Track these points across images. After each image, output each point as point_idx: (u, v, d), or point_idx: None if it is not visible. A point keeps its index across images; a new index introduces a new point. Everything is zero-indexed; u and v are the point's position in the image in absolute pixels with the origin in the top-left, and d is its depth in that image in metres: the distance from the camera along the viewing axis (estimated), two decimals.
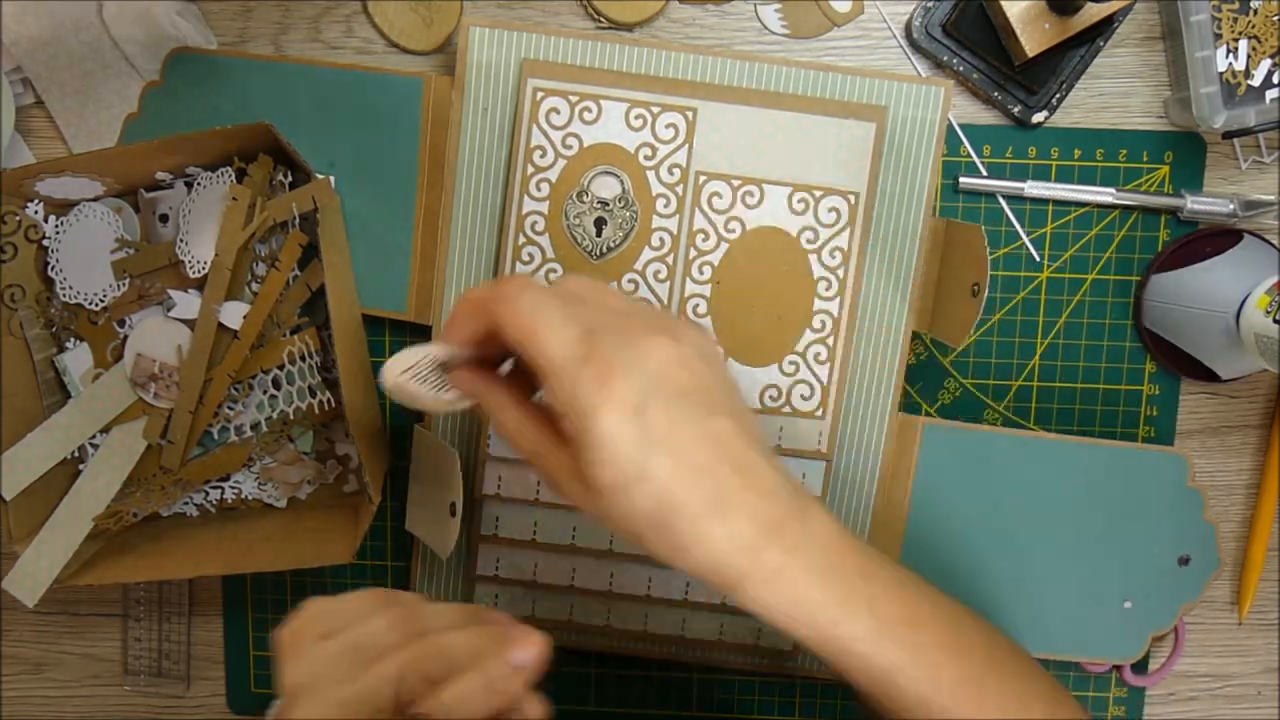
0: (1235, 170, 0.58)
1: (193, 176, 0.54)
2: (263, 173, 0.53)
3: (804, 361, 0.55)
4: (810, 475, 0.56)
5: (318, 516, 0.57)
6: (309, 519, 0.57)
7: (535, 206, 0.54)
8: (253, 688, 0.62)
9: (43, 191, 0.52)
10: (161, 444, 0.55)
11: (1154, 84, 0.57)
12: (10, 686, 0.63)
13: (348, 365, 0.52)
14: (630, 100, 0.53)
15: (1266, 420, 0.60)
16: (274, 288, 0.54)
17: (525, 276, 0.46)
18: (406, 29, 0.56)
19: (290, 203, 0.52)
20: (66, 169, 0.51)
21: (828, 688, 0.61)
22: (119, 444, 0.55)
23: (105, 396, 0.55)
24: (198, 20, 0.56)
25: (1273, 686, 0.62)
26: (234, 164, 0.53)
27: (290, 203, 0.52)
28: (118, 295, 0.54)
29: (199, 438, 0.56)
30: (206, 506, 0.58)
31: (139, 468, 0.55)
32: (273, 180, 0.54)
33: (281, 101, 0.55)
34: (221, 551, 0.54)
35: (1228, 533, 0.60)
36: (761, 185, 0.54)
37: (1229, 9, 0.53)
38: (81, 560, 0.54)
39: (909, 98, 0.54)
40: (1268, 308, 0.50)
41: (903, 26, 0.57)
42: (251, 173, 0.53)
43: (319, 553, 0.53)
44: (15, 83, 0.57)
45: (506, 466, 0.56)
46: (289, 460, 0.57)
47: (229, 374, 0.54)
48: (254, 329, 0.54)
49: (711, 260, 0.54)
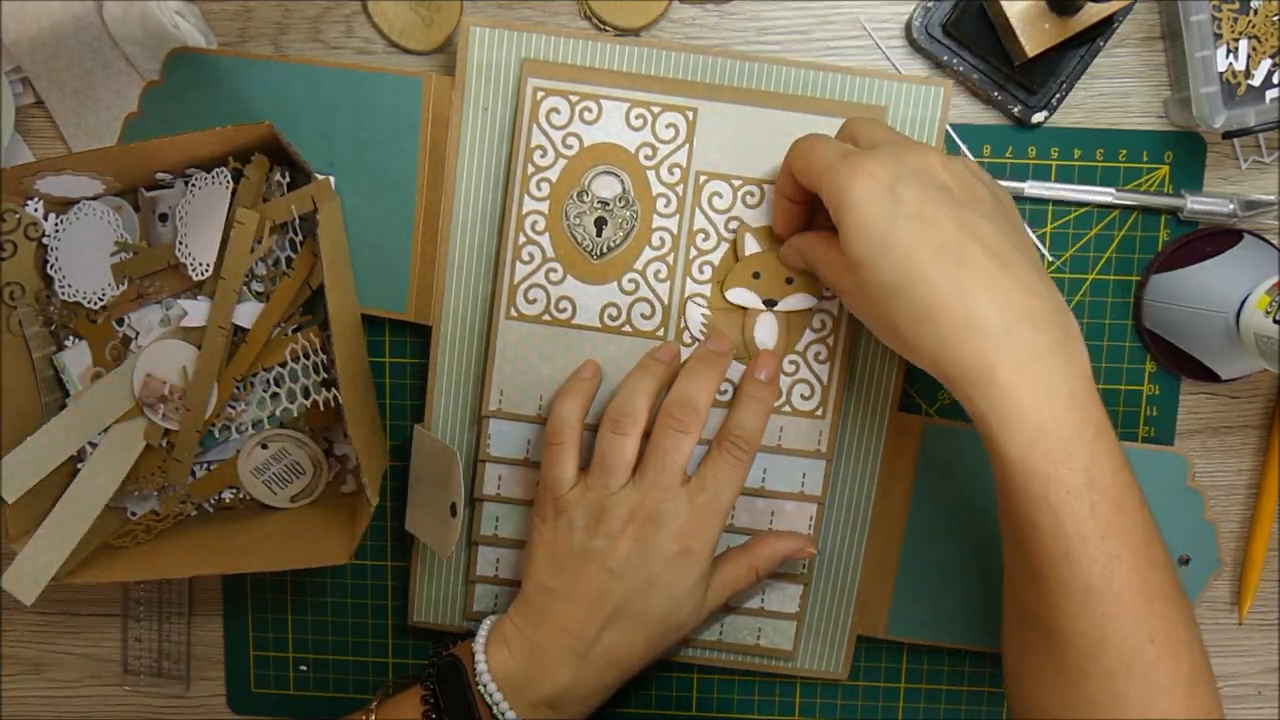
0: (1235, 170, 0.58)
1: (192, 176, 0.54)
2: (259, 173, 0.53)
3: (804, 361, 0.55)
4: (810, 475, 0.56)
5: (315, 517, 0.57)
6: (306, 519, 0.57)
7: (535, 206, 0.54)
8: (253, 688, 0.62)
9: (43, 189, 0.52)
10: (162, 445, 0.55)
11: (1154, 84, 0.57)
12: (10, 686, 0.63)
13: (347, 366, 0.52)
14: (630, 100, 0.53)
15: (1266, 420, 0.60)
16: (286, 294, 0.54)
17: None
18: (406, 29, 0.56)
19: (289, 205, 0.52)
20: (67, 167, 0.51)
21: (828, 687, 0.61)
22: (118, 443, 0.55)
23: (104, 400, 0.55)
24: (198, 20, 0.56)
25: (1273, 686, 0.62)
26: (229, 164, 0.53)
27: (289, 205, 0.52)
28: (116, 294, 0.54)
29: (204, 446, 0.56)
30: (204, 506, 0.58)
31: (138, 466, 0.55)
32: (271, 180, 0.54)
33: (281, 102, 0.55)
34: (219, 551, 0.54)
35: (1228, 533, 0.60)
36: (762, 185, 0.54)
37: (1229, 9, 0.53)
38: (79, 559, 0.54)
39: (909, 97, 0.54)
40: (1268, 308, 0.50)
41: (902, 26, 0.57)
42: (248, 174, 0.53)
43: (316, 553, 0.53)
44: (15, 83, 0.57)
45: (506, 467, 0.56)
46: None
47: (234, 377, 0.54)
48: (263, 334, 0.54)
49: (712, 260, 0.54)
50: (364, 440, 0.53)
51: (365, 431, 0.54)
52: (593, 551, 0.49)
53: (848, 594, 0.58)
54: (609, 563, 0.49)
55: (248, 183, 0.53)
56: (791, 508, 0.56)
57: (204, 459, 0.57)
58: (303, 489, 0.58)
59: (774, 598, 0.57)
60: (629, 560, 0.49)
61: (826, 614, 0.58)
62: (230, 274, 0.52)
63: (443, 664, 0.51)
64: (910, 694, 0.61)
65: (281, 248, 0.54)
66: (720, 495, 0.50)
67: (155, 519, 0.57)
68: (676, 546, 0.49)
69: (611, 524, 0.49)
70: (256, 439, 0.56)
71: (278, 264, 0.54)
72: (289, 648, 0.62)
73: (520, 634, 0.50)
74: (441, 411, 0.57)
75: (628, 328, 0.55)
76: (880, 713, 0.61)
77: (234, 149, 0.52)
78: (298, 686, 0.62)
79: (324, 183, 0.53)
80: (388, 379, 0.59)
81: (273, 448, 0.57)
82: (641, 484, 0.50)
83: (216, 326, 0.53)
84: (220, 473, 0.57)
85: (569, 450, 0.51)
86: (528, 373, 0.55)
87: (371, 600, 0.61)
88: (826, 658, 0.59)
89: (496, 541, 0.57)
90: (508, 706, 0.49)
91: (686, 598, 0.50)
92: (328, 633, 0.61)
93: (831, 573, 0.58)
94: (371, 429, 0.55)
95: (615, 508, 0.49)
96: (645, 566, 0.49)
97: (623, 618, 0.49)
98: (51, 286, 0.55)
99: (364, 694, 0.62)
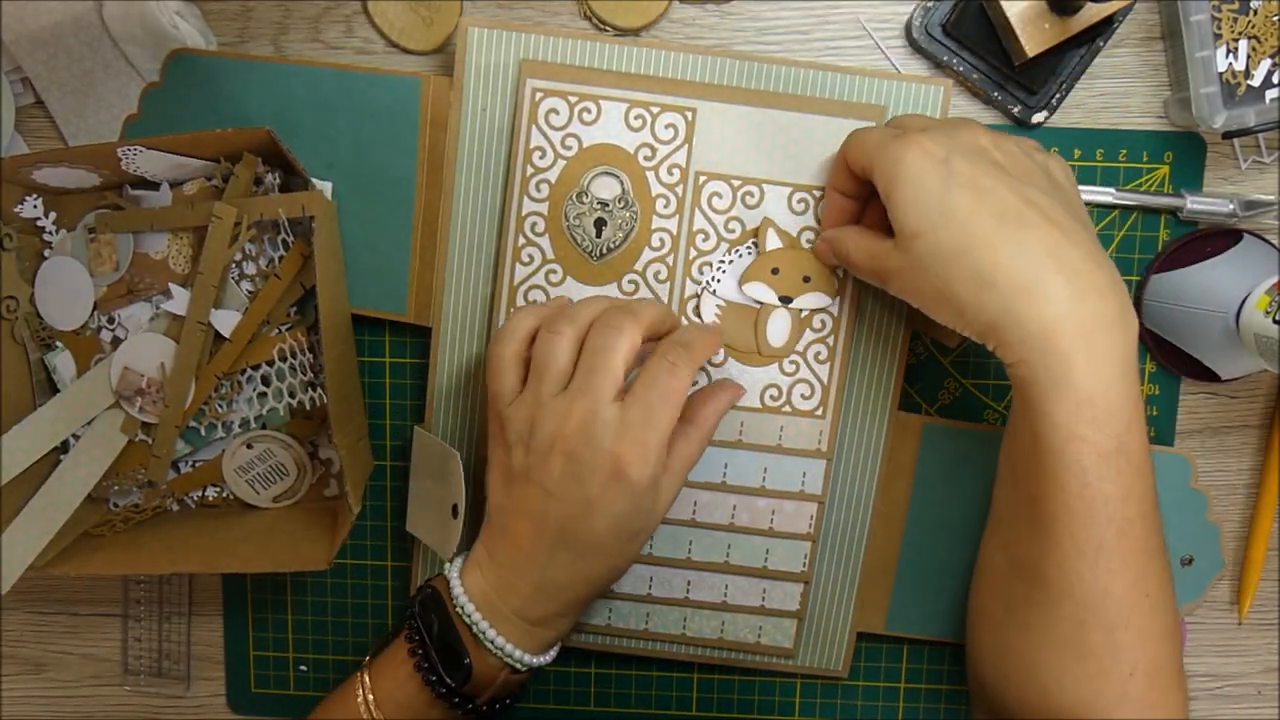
0: (1235, 170, 0.58)
1: (181, 180, 0.54)
2: (248, 172, 0.53)
3: (804, 361, 0.55)
4: (810, 474, 0.56)
5: (297, 519, 0.57)
6: (288, 520, 0.57)
7: (535, 207, 0.54)
8: (253, 688, 0.62)
9: (39, 180, 0.52)
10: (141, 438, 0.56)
11: (1154, 84, 0.57)
12: (10, 686, 0.63)
13: (335, 372, 0.52)
14: (629, 100, 0.53)
15: (1266, 420, 0.60)
16: (271, 295, 0.54)
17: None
18: (406, 29, 0.56)
19: (275, 205, 0.52)
20: (65, 160, 0.51)
21: (828, 687, 0.61)
22: (98, 436, 0.55)
23: (87, 393, 0.55)
24: (198, 20, 0.56)
25: (1273, 686, 0.62)
26: (220, 164, 0.53)
27: (275, 205, 0.52)
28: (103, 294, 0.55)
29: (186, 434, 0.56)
30: (188, 502, 0.58)
31: (121, 461, 0.56)
32: (262, 180, 0.54)
33: (280, 103, 0.55)
34: (200, 549, 0.54)
35: (1228, 533, 0.60)
36: (761, 185, 0.54)
37: (1229, 9, 0.53)
38: (58, 549, 0.54)
39: (908, 97, 0.53)
40: (1268, 308, 0.50)
41: (902, 26, 0.57)
42: (237, 173, 0.53)
43: (297, 557, 0.53)
44: (15, 83, 0.57)
45: None
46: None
47: (216, 374, 0.54)
48: (246, 335, 0.54)
49: (711, 260, 0.54)
50: (349, 446, 0.53)
51: (350, 438, 0.54)
52: (530, 470, 0.47)
53: (848, 592, 0.58)
54: (545, 482, 0.47)
55: (236, 181, 0.53)
56: (791, 507, 0.56)
57: (191, 457, 0.57)
58: (285, 490, 0.58)
59: (774, 596, 0.57)
60: (563, 481, 0.47)
61: (827, 612, 0.58)
62: (208, 268, 0.52)
63: (423, 597, 0.51)
64: (910, 693, 0.61)
65: (274, 247, 0.55)
66: (655, 409, 0.46)
67: (134, 511, 0.57)
68: (609, 467, 0.46)
69: (540, 438, 0.47)
70: (242, 439, 0.56)
71: (270, 264, 0.55)
72: (289, 648, 0.62)
73: (488, 554, 0.50)
74: (442, 412, 0.57)
75: None
76: (880, 712, 0.61)
77: (233, 151, 0.52)
78: (298, 686, 0.62)
79: (317, 192, 0.52)
80: (388, 379, 0.59)
81: (258, 448, 0.57)
82: (570, 391, 0.47)
83: (194, 321, 0.53)
84: (204, 470, 0.57)
85: (510, 363, 0.49)
86: None
87: (372, 600, 0.61)
88: (827, 655, 0.59)
89: None
90: (487, 625, 0.49)
91: (634, 511, 0.47)
92: (328, 633, 0.61)
93: (832, 571, 0.58)
94: (357, 435, 0.55)
95: (545, 420, 0.47)
96: (580, 488, 0.46)
97: (570, 537, 0.47)
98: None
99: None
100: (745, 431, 0.55)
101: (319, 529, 0.55)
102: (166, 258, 0.55)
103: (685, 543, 0.57)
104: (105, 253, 0.54)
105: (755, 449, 0.55)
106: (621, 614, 0.58)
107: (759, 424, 0.55)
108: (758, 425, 0.55)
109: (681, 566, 0.57)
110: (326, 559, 0.52)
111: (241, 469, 0.57)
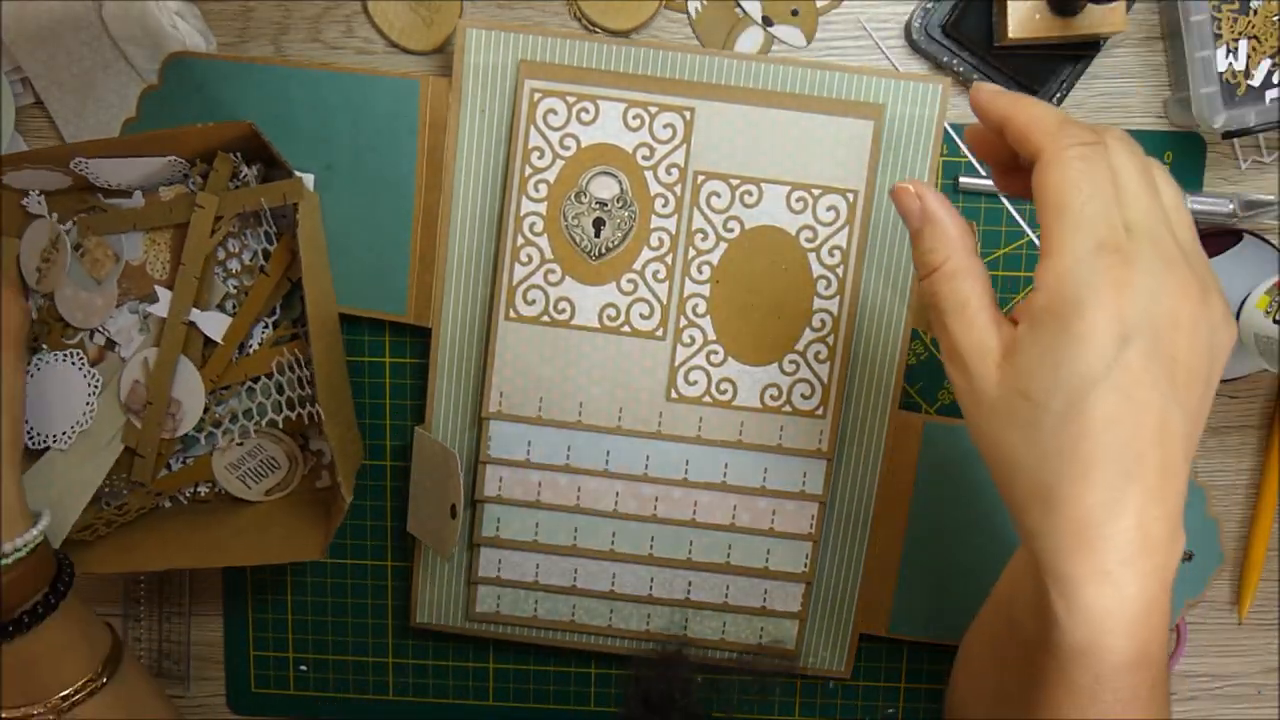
0: (1235, 170, 0.58)
1: (154, 187, 0.54)
2: (226, 166, 0.53)
3: (804, 360, 0.55)
4: (811, 474, 0.56)
5: (290, 511, 0.57)
6: (281, 513, 0.57)
7: (533, 207, 0.54)
8: (253, 688, 0.62)
9: (10, 184, 0.53)
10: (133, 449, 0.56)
11: (1154, 84, 0.57)
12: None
13: (323, 363, 0.52)
14: (627, 100, 0.53)
15: (1266, 420, 0.60)
16: (261, 293, 0.54)
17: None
18: (406, 29, 0.56)
19: (257, 195, 0.52)
20: (26, 163, 0.51)
21: (828, 688, 0.61)
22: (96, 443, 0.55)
23: (106, 417, 0.56)
24: (197, 20, 0.56)
25: (1273, 686, 0.62)
26: (197, 164, 0.53)
27: (257, 195, 0.52)
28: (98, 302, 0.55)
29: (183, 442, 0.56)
30: (178, 498, 0.59)
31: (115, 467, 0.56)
32: (242, 175, 0.54)
33: (279, 106, 0.55)
34: (192, 545, 0.54)
35: (1228, 533, 0.60)
36: (760, 184, 0.54)
37: (1229, 9, 0.53)
38: None
39: (907, 95, 0.53)
40: (1268, 308, 0.50)
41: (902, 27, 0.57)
42: (216, 166, 0.53)
43: (291, 549, 0.53)
44: (15, 83, 0.57)
45: (507, 468, 0.56)
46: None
47: (210, 379, 0.55)
48: (237, 335, 0.54)
49: (710, 260, 0.54)
50: (339, 437, 0.53)
51: (341, 429, 0.54)
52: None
53: (850, 592, 0.58)
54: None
55: (215, 175, 0.53)
56: (792, 507, 0.56)
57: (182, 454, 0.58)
58: (278, 483, 0.58)
59: (776, 597, 0.57)
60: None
61: (829, 612, 0.58)
62: (190, 259, 0.52)
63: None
64: (911, 694, 0.61)
65: (258, 240, 0.55)
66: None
67: (118, 513, 0.57)
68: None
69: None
70: (232, 435, 0.56)
71: (255, 257, 0.55)
72: (289, 648, 0.62)
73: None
74: (442, 413, 0.57)
75: (626, 328, 0.55)
76: (881, 712, 0.61)
77: (216, 146, 0.52)
78: (298, 686, 0.62)
79: (297, 180, 0.53)
80: (388, 380, 0.59)
81: (248, 443, 0.57)
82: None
83: (177, 315, 0.53)
84: (194, 468, 0.57)
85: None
86: (527, 374, 0.55)
87: (372, 600, 0.61)
88: (829, 656, 0.59)
89: (498, 543, 0.57)
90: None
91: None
92: (328, 633, 0.61)
93: (833, 571, 0.58)
94: (347, 426, 0.55)
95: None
96: None
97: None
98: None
99: (364, 694, 0.62)
100: (745, 431, 0.55)
101: (311, 520, 0.55)
102: (144, 263, 0.55)
103: (686, 543, 0.57)
104: (100, 254, 0.54)
105: (756, 449, 0.55)
106: (622, 614, 0.58)
107: (759, 424, 0.55)
108: (758, 425, 0.55)
109: (682, 567, 0.57)
110: (320, 549, 0.52)
111: (232, 465, 0.57)
